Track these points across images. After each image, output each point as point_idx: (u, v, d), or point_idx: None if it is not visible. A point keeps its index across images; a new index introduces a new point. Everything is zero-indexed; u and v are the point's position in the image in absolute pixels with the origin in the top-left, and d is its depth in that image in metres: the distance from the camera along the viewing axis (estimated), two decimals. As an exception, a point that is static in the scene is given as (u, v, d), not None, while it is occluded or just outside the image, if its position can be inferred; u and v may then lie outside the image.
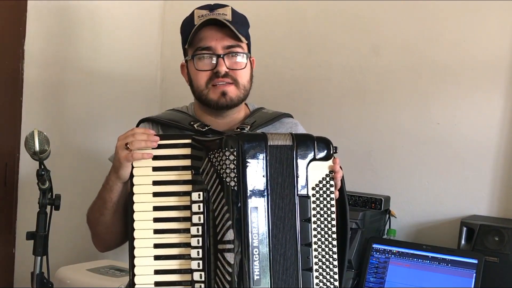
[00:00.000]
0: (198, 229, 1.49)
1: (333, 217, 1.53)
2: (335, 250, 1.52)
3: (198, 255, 1.48)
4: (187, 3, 3.09)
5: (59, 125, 2.68)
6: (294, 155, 1.52)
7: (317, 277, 1.50)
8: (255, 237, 1.47)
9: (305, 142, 1.53)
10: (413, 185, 2.63)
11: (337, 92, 2.81)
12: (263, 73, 1.79)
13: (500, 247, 2.24)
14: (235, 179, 1.47)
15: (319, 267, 1.51)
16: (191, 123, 1.69)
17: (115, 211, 1.63)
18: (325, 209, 1.52)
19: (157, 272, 1.50)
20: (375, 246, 2.41)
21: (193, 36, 1.69)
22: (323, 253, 1.51)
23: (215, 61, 1.67)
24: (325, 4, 2.83)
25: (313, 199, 1.52)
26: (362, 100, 2.75)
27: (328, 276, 1.51)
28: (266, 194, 1.50)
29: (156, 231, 1.51)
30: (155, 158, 1.53)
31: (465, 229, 2.33)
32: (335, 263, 1.51)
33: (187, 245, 1.49)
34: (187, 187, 1.52)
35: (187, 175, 1.53)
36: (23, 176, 2.47)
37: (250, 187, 1.48)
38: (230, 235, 1.46)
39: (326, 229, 1.52)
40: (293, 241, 1.50)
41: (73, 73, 2.73)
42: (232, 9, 1.71)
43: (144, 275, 1.49)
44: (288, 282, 1.48)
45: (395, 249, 2.39)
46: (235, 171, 1.47)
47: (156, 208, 1.52)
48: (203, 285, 1.47)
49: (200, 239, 1.48)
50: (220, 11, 1.69)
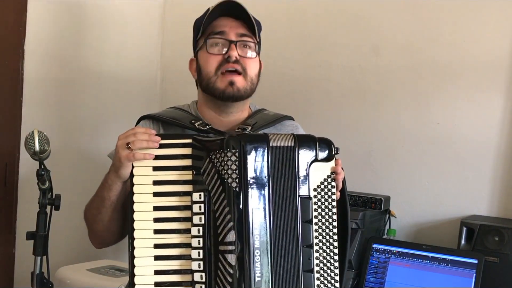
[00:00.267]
0: (199, 229, 1.48)
1: (334, 218, 1.52)
2: (336, 251, 1.51)
3: (199, 255, 1.47)
4: (187, 3, 3.13)
5: (59, 125, 2.67)
6: (295, 156, 1.51)
7: (318, 278, 1.50)
8: (257, 238, 1.46)
9: (307, 143, 1.53)
10: (413, 185, 2.63)
11: (337, 92, 2.81)
12: (263, 73, 1.79)
13: (500, 247, 2.24)
14: (237, 179, 1.46)
15: (320, 268, 1.50)
16: (192, 121, 1.69)
17: (113, 209, 1.62)
18: (326, 210, 1.52)
19: (157, 273, 1.49)
20: (375, 246, 2.41)
21: (207, 24, 1.70)
22: (324, 254, 1.51)
23: (227, 47, 1.67)
24: (325, 4, 2.83)
25: (314, 200, 1.51)
26: (362, 100, 2.75)
27: (329, 278, 1.50)
28: (267, 195, 1.49)
29: (156, 231, 1.50)
30: (155, 157, 1.53)
31: (465, 229, 2.34)
32: (336, 264, 1.51)
33: (188, 245, 1.49)
34: (187, 187, 1.51)
35: (187, 175, 1.52)
36: (23, 176, 2.47)
37: (251, 188, 1.48)
38: (231, 236, 1.45)
39: (327, 230, 1.51)
40: (294, 243, 1.49)
41: (73, 73, 2.73)
42: (247, 10, 1.73)
43: (144, 275, 1.49)
44: (289, 283, 1.48)
45: (395, 249, 2.39)
46: (236, 171, 1.47)
47: (156, 208, 1.51)
48: (203, 286, 1.46)
49: (201, 239, 1.47)
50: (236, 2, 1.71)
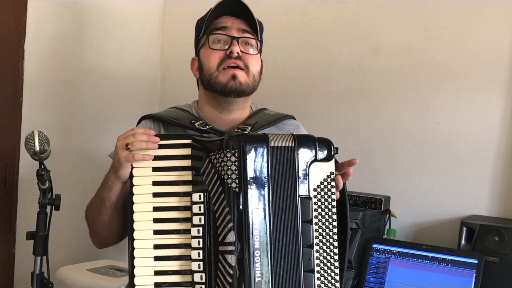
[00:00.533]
0: (198, 230, 1.48)
1: (334, 218, 1.52)
2: (336, 251, 1.51)
3: (199, 256, 1.47)
4: (187, 3, 3.13)
5: (59, 125, 2.67)
6: (295, 156, 1.51)
7: (318, 278, 1.50)
8: (257, 238, 1.46)
9: (307, 143, 1.52)
10: (413, 185, 2.63)
11: (337, 92, 2.80)
12: (263, 73, 1.79)
13: (500, 247, 2.24)
14: (236, 180, 1.46)
15: (321, 268, 1.50)
16: (192, 121, 1.69)
17: (113, 210, 1.63)
18: (326, 210, 1.51)
19: (157, 273, 1.49)
20: (375, 246, 2.41)
21: (209, 22, 1.70)
22: (324, 254, 1.50)
23: (229, 43, 1.68)
24: (325, 4, 2.83)
25: (314, 200, 1.51)
26: (362, 100, 2.75)
27: (329, 278, 1.50)
28: (267, 195, 1.49)
29: (156, 232, 1.50)
30: (155, 158, 1.53)
31: (465, 229, 2.33)
32: (336, 264, 1.51)
33: (188, 246, 1.49)
34: (187, 188, 1.51)
35: (187, 176, 1.52)
36: (23, 176, 2.47)
37: (251, 189, 1.48)
38: (231, 237, 1.45)
39: (327, 230, 1.51)
40: (294, 243, 1.49)
41: (73, 73, 2.73)
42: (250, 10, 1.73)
43: (144, 276, 1.49)
44: (289, 284, 1.48)
45: (395, 249, 2.39)
46: (236, 172, 1.47)
47: (156, 209, 1.51)
48: (203, 286, 1.46)
49: (201, 240, 1.47)
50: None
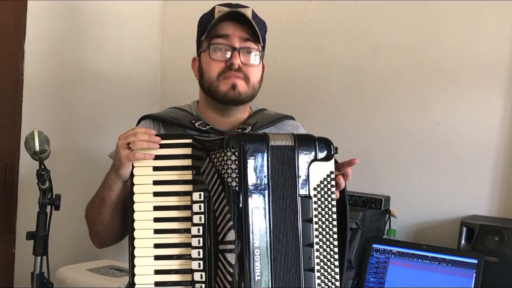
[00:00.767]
0: (198, 229, 1.48)
1: (334, 217, 1.52)
2: (336, 250, 1.51)
3: (199, 255, 1.47)
4: (187, 3, 3.13)
5: (59, 125, 2.67)
6: (295, 155, 1.51)
7: (319, 277, 1.50)
8: (256, 237, 1.46)
9: (307, 142, 1.53)
10: (413, 185, 2.63)
11: (337, 92, 2.81)
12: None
13: (500, 247, 2.24)
14: (237, 179, 1.47)
15: (321, 267, 1.50)
16: (192, 121, 1.69)
17: (113, 209, 1.63)
18: (326, 210, 1.51)
19: (157, 272, 1.49)
20: (375, 246, 2.41)
21: (211, 27, 1.69)
22: (324, 253, 1.50)
23: (230, 53, 1.67)
24: (325, 4, 2.83)
25: (314, 199, 1.51)
26: (362, 100, 2.75)
27: (329, 277, 1.50)
28: (267, 194, 1.49)
29: (157, 231, 1.50)
30: (155, 157, 1.53)
31: (465, 229, 2.34)
32: (336, 263, 1.51)
33: (188, 245, 1.49)
34: (187, 187, 1.51)
35: (187, 175, 1.52)
36: (23, 176, 2.47)
37: (251, 187, 1.48)
38: (231, 236, 1.45)
39: (327, 230, 1.51)
40: (294, 242, 1.49)
41: (73, 73, 2.73)
42: (253, 11, 1.71)
43: (144, 275, 1.49)
44: (289, 283, 1.48)
45: (395, 249, 2.39)
46: (236, 171, 1.47)
47: (156, 208, 1.51)
48: (203, 285, 1.47)
49: (201, 239, 1.48)
50: (242, 11, 1.69)
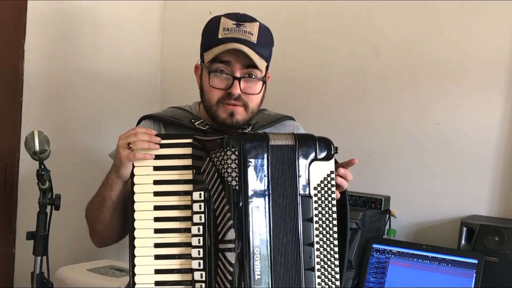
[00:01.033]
0: (199, 228, 1.48)
1: (335, 216, 1.52)
2: (336, 249, 1.52)
3: (199, 254, 1.48)
4: (187, 3, 3.13)
5: (59, 125, 2.67)
6: (295, 155, 1.51)
7: (319, 276, 1.50)
8: (256, 236, 1.46)
9: (307, 142, 1.53)
10: (413, 185, 2.63)
11: (337, 92, 2.81)
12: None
13: (500, 247, 2.24)
14: (237, 178, 1.47)
15: (321, 266, 1.50)
16: (192, 121, 1.70)
17: (114, 209, 1.63)
18: (326, 209, 1.52)
19: (157, 272, 1.49)
20: (375, 246, 2.41)
21: (214, 47, 1.64)
22: (324, 252, 1.51)
23: (230, 82, 1.63)
24: (325, 4, 2.83)
25: (315, 198, 1.51)
26: (362, 100, 2.75)
27: (329, 276, 1.51)
28: (267, 193, 1.49)
29: (157, 231, 1.51)
30: (156, 157, 1.53)
31: (465, 229, 2.33)
32: (336, 262, 1.51)
33: (188, 244, 1.49)
34: (188, 187, 1.52)
35: (188, 175, 1.53)
36: (23, 176, 2.47)
37: (251, 187, 1.48)
38: (231, 235, 1.46)
39: (327, 229, 1.51)
40: (295, 241, 1.49)
41: (73, 73, 2.73)
42: (259, 27, 1.66)
43: (145, 275, 1.49)
44: (289, 282, 1.48)
45: (395, 249, 2.39)
46: (236, 170, 1.47)
47: (156, 208, 1.52)
48: (203, 284, 1.47)
49: (201, 238, 1.48)
50: (247, 28, 1.63)
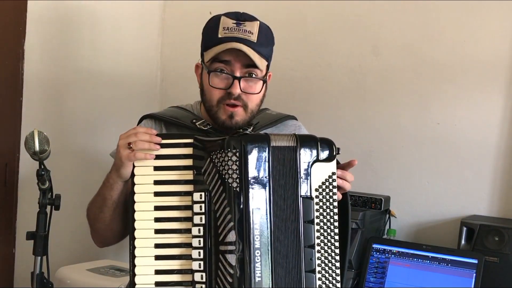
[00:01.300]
0: (199, 229, 1.48)
1: (336, 218, 1.52)
2: (337, 251, 1.51)
3: (199, 255, 1.47)
4: (187, 3, 3.13)
5: (59, 125, 2.67)
6: (297, 156, 1.51)
7: (319, 278, 1.50)
8: (257, 238, 1.46)
9: (309, 143, 1.53)
10: (413, 185, 2.63)
11: (337, 92, 2.80)
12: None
13: (500, 247, 2.24)
14: (237, 180, 1.47)
15: (322, 268, 1.50)
16: (193, 120, 1.70)
17: (114, 208, 1.63)
18: (328, 211, 1.51)
19: (157, 272, 1.49)
20: (375, 246, 2.41)
21: (214, 46, 1.64)
22: (325, 254, 1.50)
23: (230, 81, 1.63)
24: (325, 4, 2.83)
25: (316, 200, 1.51)
26: (362, 100, 2.75)
27: (330, 278, 1.50)
28: (268, 195, 1.49)
29: (157, 231, 1.51)
30: (156, 157, 1.53)
31: (465, 229, 2.33)
32: (337, 264, 1.51)
33: (188, 245, 1.49)
34: (188, 187, 1.52)
35: (188, 175, 1.52)
36: (23, 176, 2.47)
37: (252, 188, 1.48)
38: (231, 236, 1.45)
39: (328, 231, 1.51)
40: (296, 243, 1.49)
41: (73, 73, 2.73)
42: (259, 26, 1.65)
43: (145, 275, 1.49)
44: (290, 284, 1.48)
45: (395, 249, 2.39)
46: (237, 172, 1.47)
47: (157, 208, 1.52)
48: (204, 286, 1.47)
49: (201, 239, 1.48)
50: (247, 27, 1.63)
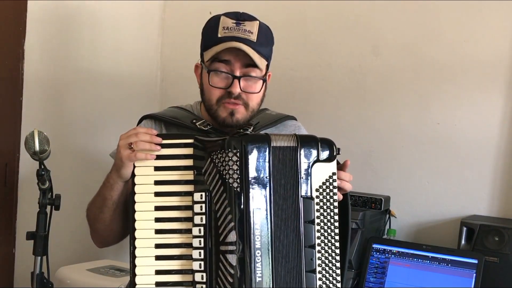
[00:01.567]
0: (200, 229, 1.48)
1: (336, 218, 1.52)
2: (337, 251, 1.51)
3: (200, 256, 1.47)
4: (187, 3, 3.13)
5: (59, 125, 2.67)
6: (297, 156, 1.51)
7: (320, 278, 1.50)
8: (258, 238, 1.46)
9: (309, 143, 1.53)
10: (413, 185, 2.63)
11: (337, 92, 2.80)
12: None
13: (500, 247, 2.24)
14: (238, 180, 1.47)
15: (322, 268, 1.50)
16: (194, 121, 1.69)
17: (114, 208, 1.63)
18: (328, 211, 1.52)
19: (158, 272, 1.49)
20: (375, 246, 2.41)
21: (213, 45, 1.64)
22: (326, 254, 1.51)
23: (230, 81, 1.63)
24: (325, 4, 2.83)
25: (316, 200, 1.51)
26: (362, 100, 2.75)
27: (331, 278, 1.51)
28: (269, 195, 1.49)
29: (158, 231, 1.51)
30: (157, 157, 1.53)
31: (465, 229, 2.33)
32: (338, 264, 1.51)
33: (189, 245, 1.49)
34: (189, 187, 1.52)
35: (189, 175, 1.52)
36: (23, 176, 2.47)
37: (252, 188, 1.48)
38: (232, 237, 1.45)
39: (329, 231, 1.51)
40: (296, 243, 1.49)
41: (73, 73, 2.73)
42: (259, 26, 1.66)
43: (145, 275, 1.49)
44: (290, 284, 1.48)
45: (395, 249, 2.39)
46: (238, 172, 1.47)
47: (157, 208, 1.52)
48: (204, 286, 1.47)
49: (202, 240, 1.48)
50: (247, 27, 1.63)
